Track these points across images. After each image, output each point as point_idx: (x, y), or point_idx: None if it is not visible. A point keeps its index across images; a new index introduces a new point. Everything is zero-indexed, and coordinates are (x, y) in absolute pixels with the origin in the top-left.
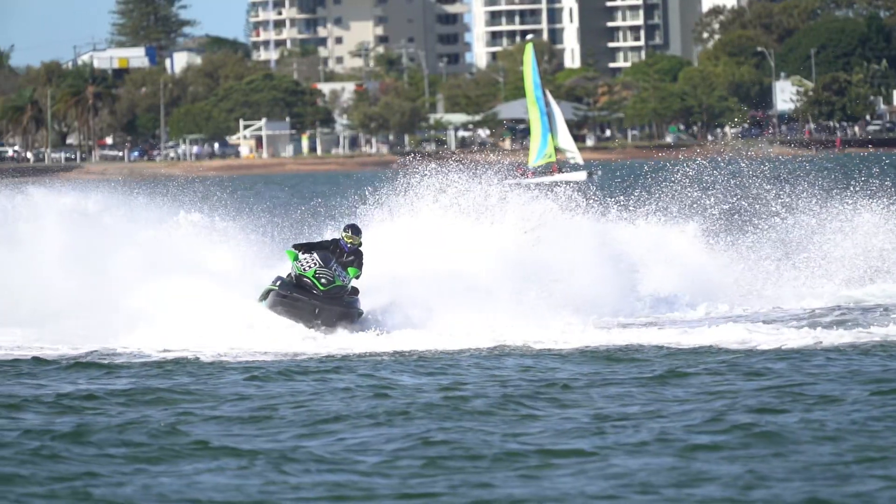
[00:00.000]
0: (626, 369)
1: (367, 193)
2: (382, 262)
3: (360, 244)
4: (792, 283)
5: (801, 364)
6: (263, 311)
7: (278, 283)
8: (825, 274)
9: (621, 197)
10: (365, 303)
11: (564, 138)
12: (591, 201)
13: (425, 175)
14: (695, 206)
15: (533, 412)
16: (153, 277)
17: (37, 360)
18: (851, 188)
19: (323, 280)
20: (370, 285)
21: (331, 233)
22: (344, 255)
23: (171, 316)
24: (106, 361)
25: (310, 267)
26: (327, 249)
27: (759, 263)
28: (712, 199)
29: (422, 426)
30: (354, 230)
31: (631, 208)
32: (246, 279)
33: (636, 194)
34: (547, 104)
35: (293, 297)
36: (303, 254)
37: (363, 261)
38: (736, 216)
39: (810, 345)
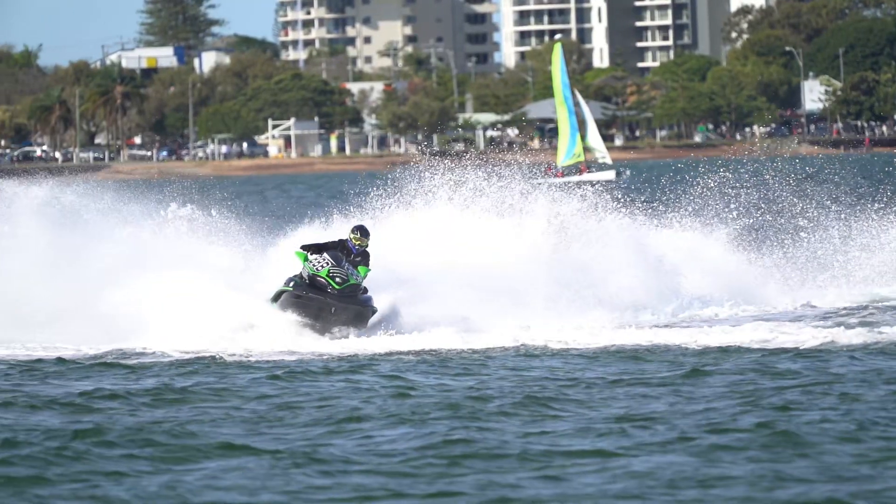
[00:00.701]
0: (653, 369)
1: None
2: (405, 258)
3: (367, 245)
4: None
5: (825, 364)
6: (273, 311)
7: (291, 283)
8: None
9: (650, 200)
10: (387, 300)
11: (593, 138)
12: (620, 202)
13: (439, 173)
14: (719, 217)
15: (558, 412)
16: (150, 275)
17: (60, 360)
18: (881, 197)
19: (337, 279)
20: (389, 281)
21: (318, 232)
22: (351, 255)
23: (183, 316)
24: (127, 362)
25: (322, 266)
26: (335, 250)
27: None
28: (734, 213)
29: (446, 426)
30: (363, 232)
31: (661, 212)
32: (247, 275)
33: (665, 199)
34: (576, 104)
35: (308, 296)
36: (312, 254)
37: (370, 261)
38: (759, 231)
39: (835, 343)
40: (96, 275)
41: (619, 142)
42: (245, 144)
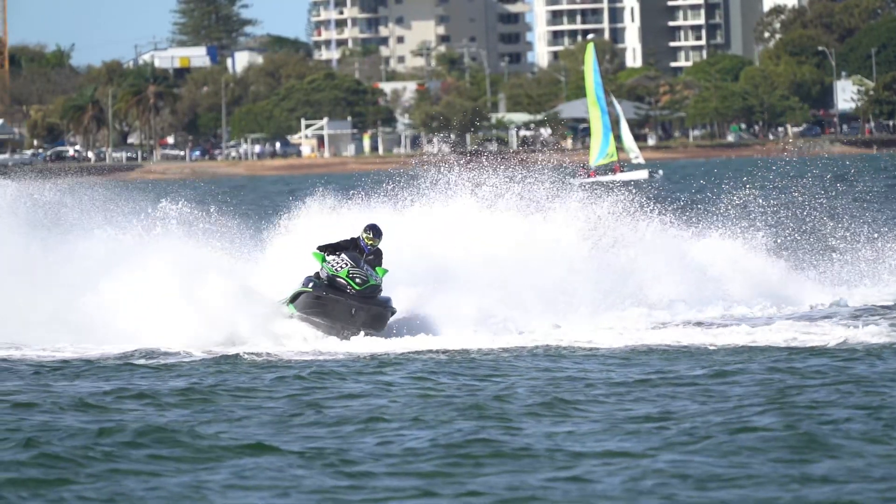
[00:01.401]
0: (681, 368)
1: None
2: (430, 252)
3: (378, 244)
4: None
5: (848, 364)
6: (292, 315)
7: (310, 284)
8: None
9: (685, 203)
10: (412, 298)
11: (626, 137)
12: (652, 205)
13: (461, 172)
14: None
15: (585, 412)
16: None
17: (86, 361)
18: None
19: (357, 280)
20: (414, 279)
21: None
22: (364, 254)
23: (205, 313)
24: (152, 362)
25: (342, 267)
26: (349, 250)
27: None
28: (762, 232)
29: (473, 426)
30: (375, 231)
31: (697, 215)
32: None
33: (698, 207)
34: (609, 103)
35: (329, 297)
36: (329, 255)
37: (382, 260)
38: (789, 251)
39: (864, 343)
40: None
41: (651, 141)
42: (278, 144)
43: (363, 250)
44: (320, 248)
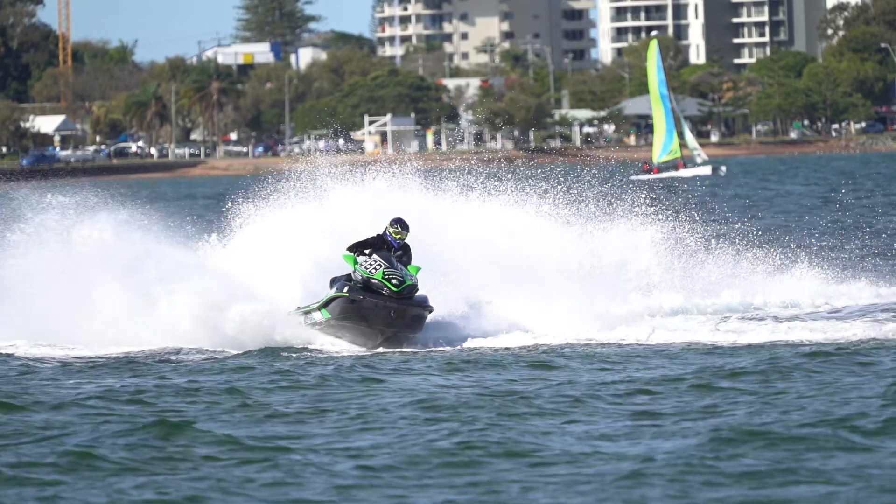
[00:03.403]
0: (687, 367)
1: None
2: (457, 253)
3: (406, 238)
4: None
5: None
6: (317, 322)
7: (345, 288)
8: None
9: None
10: (447, 296)
11: (687, 135)
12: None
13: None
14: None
15: (587, 411)
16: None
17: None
18: None
19: (394, 281)
20: (442, 276)
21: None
22: (393, 250)
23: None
24: (159, 360)
25: (376, 269)
26: (377, 247)
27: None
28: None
29: (475, 425)
30: (402, 224)
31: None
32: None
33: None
34: (670, 100)
35: (367, 301)
36: (360, 256)
37: (412, 256)
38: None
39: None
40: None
41: (714, 138)
42: (341, 141)
43: (392, 246)
44: (350, 249)
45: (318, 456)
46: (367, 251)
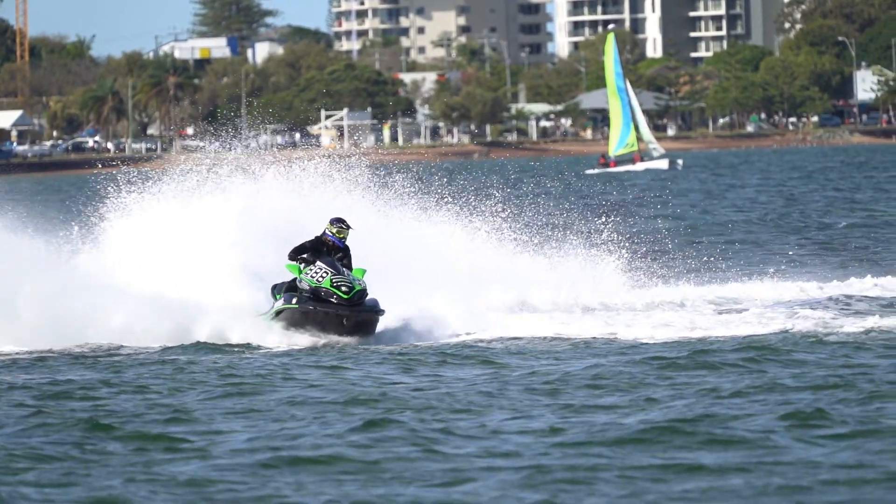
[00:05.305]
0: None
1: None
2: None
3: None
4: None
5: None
6: (271, 328)
7: (293, 300)
8: None
9: None
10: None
11: (643, 128)
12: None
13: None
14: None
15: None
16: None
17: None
18: None
19: (343, 288)
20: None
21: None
22: (333, 252)
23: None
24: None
25: (323, 277)
26: (322, 251)
27: None
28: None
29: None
30: (344, 223)
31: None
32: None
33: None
34: (627, 94)
35: (317, 311)
36: (302, 264)
37: (352, 258)
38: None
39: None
40: None
41: (671, 132)
42: (298, 135)
43: (337, 246)
44: (291, 257)
45: (234, 450)
46: (304, 256)
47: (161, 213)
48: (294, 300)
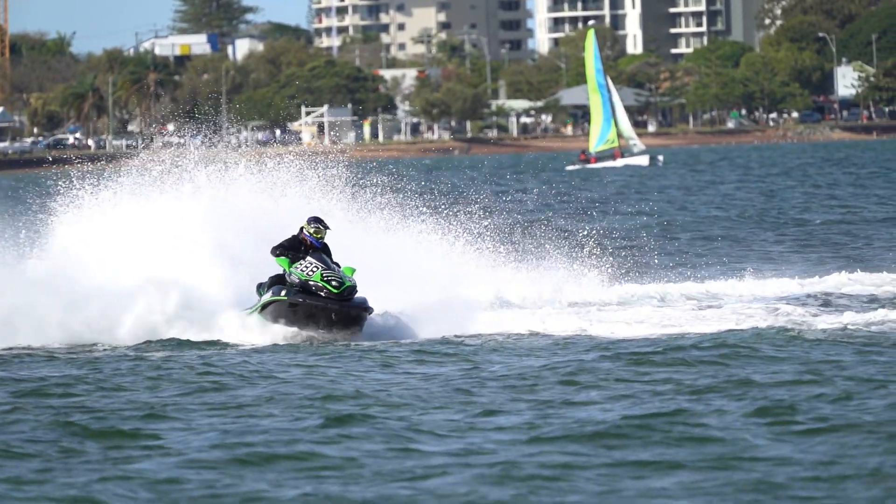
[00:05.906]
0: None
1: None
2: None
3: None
4: None
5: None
6: (257, 322)
7: (283, 292)
8: None
9: None
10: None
11: (624, 124)
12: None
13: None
14: None
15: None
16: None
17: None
18: None
19: (334, 282)
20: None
21: None
22: (313, 252)
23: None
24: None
25: (313, 271)
26: (299, 251)
27: None
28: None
29: (386, 423)
30: (322, 223)
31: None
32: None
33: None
34: (608, 90)
35: (307, 304)
36: (293, 259)
37: (332, 255)
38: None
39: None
40: None
41: (652, 128)
42: (278, 131)
43: (315, 246)
44: (279, 253)
45: (210, 446)
46: (291, 254)
47: (131, 209)
48: (283, 293)
